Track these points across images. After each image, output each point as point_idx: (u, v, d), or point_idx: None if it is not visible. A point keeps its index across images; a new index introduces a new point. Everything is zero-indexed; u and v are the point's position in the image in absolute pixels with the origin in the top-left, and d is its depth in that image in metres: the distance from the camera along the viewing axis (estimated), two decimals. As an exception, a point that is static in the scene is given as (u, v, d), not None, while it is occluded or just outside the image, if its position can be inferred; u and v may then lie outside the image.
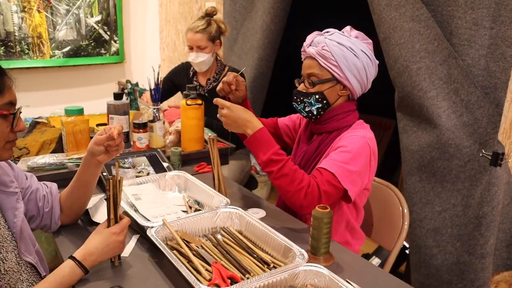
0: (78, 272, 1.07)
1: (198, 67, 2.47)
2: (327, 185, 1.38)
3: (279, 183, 1.37)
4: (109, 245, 1.12)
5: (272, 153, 1.37)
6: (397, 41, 1.82)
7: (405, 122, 1.95)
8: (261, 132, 1.40)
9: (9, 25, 3.39)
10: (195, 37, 2.39)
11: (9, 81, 1.02)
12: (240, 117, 1.41)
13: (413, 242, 2.00)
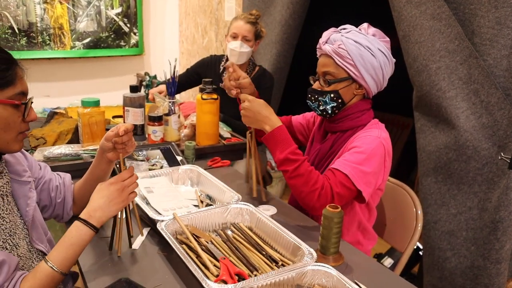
0: (86, 231, 1.07)
1: (237, 58, 2.41)
2: (340, 187, 1.36)
3: (293, 182, 1.37)
4: (109, 196, 1.10)
5: (289, 152, 1.37)
6: (416, 39, 1.78)
7: (422, 122, 1.91)
8: (279, 130, 1.40)
9: (32, 16, 3.44)
10: (244, 26, 2.37)
11: (21, 71, 1.03)
12: (260, 112, 1.42)
13: (427, 244, 1.97)
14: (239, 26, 2.39)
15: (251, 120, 1.44)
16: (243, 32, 2.37)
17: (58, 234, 2.08)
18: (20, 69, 1.03)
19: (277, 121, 1.42)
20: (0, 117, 0.98)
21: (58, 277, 1.02)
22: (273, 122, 1.41)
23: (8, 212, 1.07)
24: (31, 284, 0.99)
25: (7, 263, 0.96)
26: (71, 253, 1.05)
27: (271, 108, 1.45)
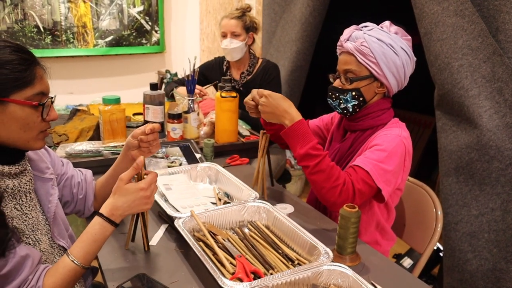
0: (108, 227, 1.09)
1: (231, 55, 2.46)
2: (361, 184, 1.35)
3: (314, 178, 1.35)
4: (135, 200, 1.11)
5: (310, 147, 1.34)
6: (438, 37, 1.75)
7: (444, 121, 1.88)
8: (300, 124, 1.37)
9: (56, 15, 3.51)
10: (230, 22, 2.41)
11: (41, 71, 1.04)
12: (279, 106, 1.39)
13: (447, 245, 1.94)
14: (225, 24, 2.42)
15: (270, 115, 1.42)
16: (230, 29, 2.40)
17: (79, 229, 2.12)
18: (40, 69, 1.03)
19: (297, 115, 1.38)
20: (19, 117, 1.00)
21: (80, 270, 1.05)
22: (292, 116, 1.38)
23: (31, 208, 1.10)
24: (54, 277, 1.02)
25: (31, 257, 0.99)
26: (93, 248, 1.07)
27: (290, 101, 1.41)
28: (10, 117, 0.99)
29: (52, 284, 1.01)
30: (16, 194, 1.05)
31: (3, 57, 0.97)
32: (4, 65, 0.96)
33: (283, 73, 2.91)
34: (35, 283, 0.98)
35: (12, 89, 0.98)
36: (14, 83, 0.97)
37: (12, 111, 0.99)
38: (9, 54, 0.98)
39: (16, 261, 0.95)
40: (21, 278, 0.96)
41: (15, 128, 1.00)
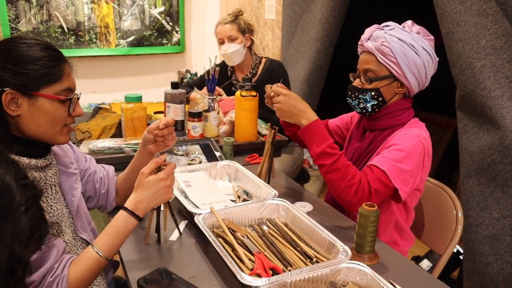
0: (132, 221, 1.12)
1: (231, 60, 2.47)
2: (377, 183, 1.35)
3: (330, 177, 1.36)
4: (157, 191, 1.14)
5: (326, 146, 1.35)
6: (461, 37, 1.73)
7: (465, 121, 1.85)
8: (316, 124, 1.39)
9: (80, 16, 3.59)
10: (224, 27, 2.42)
11: (69, 68, 1.08)
12: (296, 106, 1.40)
13: (468, 248, 1.91)
14: (220, 30, 2.44)
15: (287, 114, 1.43)
16: (226, 33, 2.42)
17: (100, 224, 2.16)
18: (68, 66, 1.08)
19: (313, 115, 1.40)
20: (48, 111, 1.04)
21: (104, 262, 1.08)
22: (309, 116, 1.40)
23: (55, 201, 1.13)
24: (78, 267, 1.05)
25: (56, 246, 1.03)
26: (117, 240, 1.10)
27: (306, 103, 1.43)
28: (39, 110, 1.03)
29: (77, 274, 1.04)
30: (42, 186, 1.09)
31: (35, 54, 1.01)
32: (35, 61, 1.01)
33: (303, 73, 2.91)
34: (60, 272, 1.01)
35: (42, 84, 1.02)
36: (44, 78, 1.02)
37: (41, 104, 1.03)
38: (40, 51, 1.03)
39: (43, 250, 0.98)
40: (47, 266, 0.99)
41: (43, 121, 1.05)
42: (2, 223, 0.53)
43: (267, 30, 3.40)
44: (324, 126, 1.40)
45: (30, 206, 0.57)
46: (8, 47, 1.03)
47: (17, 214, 0.55)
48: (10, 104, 1.01)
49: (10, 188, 0.55)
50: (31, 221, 0.56)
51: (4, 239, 0.52)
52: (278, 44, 3.24)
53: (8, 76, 0.99)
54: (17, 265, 0.54)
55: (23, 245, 0.54)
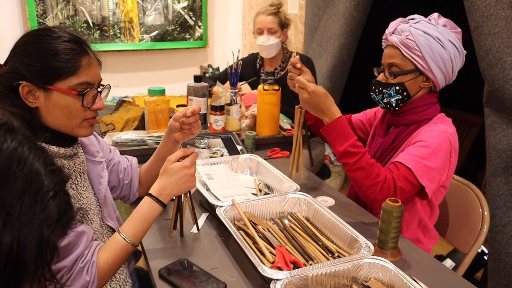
0: (156, 207, 1.13)
1: (267, 52, 2.44)
2: (403, 181, 1.33)
3: (354, 175, 1.34)
4: (181, 178, 1.15)
5: (349, 145, 1.33)
6: (490, 31, 1.68)
7: (493, 118, 1.81)
8: (339, 122, 1.36)
9: (105, 11, 3.63)
10: (267, 19, 2.39)
11: (88, 60, 1.05)
12: (321, 103, 1.38)
13: (493, 248, 1.87)
14: (262, 20, 2.39)
15: (310, 109, 1.42)
16: (267, 25, 2.37)
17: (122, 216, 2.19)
18: (87, 59, 1.05)
19: (337, 112, 1.38)
20: (62, 105, 1.03)
21: (130, 248, 1.10)
22: (332, 114, 1.37)
23: (84, 188, 1.15)
24: (106, 253, 1.07)
25: (86, 233, 1.05)
26: (142, 226, 1.11)
27: (332, 99, 1.39)
28: (54, 104, 1.03)
29: (105, 259, 1.06)
30: (71, 174, 1.11)
31: (50, 47, 1.01)
32: (50, 55, 1.01)
33: (325, 68, 2.88)
34: (90, 258, 1.04)
35: (56, 77, 1.02)
36: (57, 72, 1.01)
37: (55, 98, 1.03)
38: (58, 43, 1.02)
39: (73, 236, 1.01)
40: (77, 252, 1.01)
41: (59, 115, 1.05)
42: (32, 208, 0.53)
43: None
44: (347, 123, 1.38)
45: (58, 192, 0.57)
46: (28, 40, 1.03)
47: (46, 199, 0.55)
48: (28, 96, 1.02)
49: (39, 174, 0.56)
50: (59, 206, 0.57)
51: (33, 223, 0.53)
52: (301, 39, 3.22)
53: (24, 69, 1.00)
54: (45, 249, 0.55)
55: (52, 229, 0.55)
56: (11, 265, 0.51)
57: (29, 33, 1.06)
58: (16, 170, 0.53)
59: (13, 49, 1.04)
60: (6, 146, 0.54)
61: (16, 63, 1.01)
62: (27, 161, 0.55)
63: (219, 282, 1.06)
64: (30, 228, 0.53)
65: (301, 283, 1.00)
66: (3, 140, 0.54)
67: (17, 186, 0.53)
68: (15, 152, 0.54)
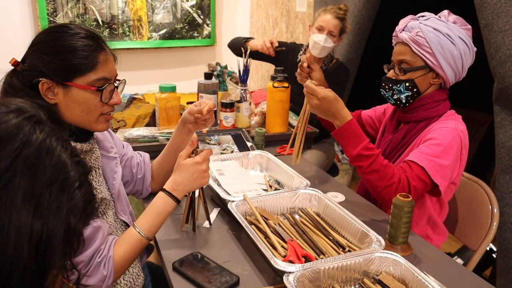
0: (170, 202, 1.15)
1: (318, 51, 2.33)
2: (417, 180, 1.34)
3: (369, 178, 1.34)
4: (193, 174, 1.17)
5: (362, 148, 1.32)
6: (500, 28, 1.69)
7: (503, 116, 1.81)
8: (350, 125, 1.34)
9: (114, 9, 3.66)
10: (332, 21, 2.28)
11: (105, 56, 1.08)
12: (331, 108, 1.36)
13: (502, 245, 1.87)
14: (327, 20, 2.29)
15: (321, 114, 1.41)
16: (330, 27, 2.28)
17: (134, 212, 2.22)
18: (104, 54, 1.08)
19: (347, 115, 1.36)
20: (81, 101, 1.05)
21: (145, 242, 1.12)
22: (343, 118, 1.35)
23: (99, 183, 1.17)
24: (122, 247, 1.09)
25: (102, 228, 1.07)
26: (156, 221, 1.14)
27: (342, 102, 1.37)
28: (73, 100, 1.05)
29: (121, 253, 1.08)
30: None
31: (68, 44, 1.03)
32: (68, 52, 1.02)
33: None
34: (106, 252, 1.06)
35: (75, 74, 1.04)
36: (76, 69, 1.03)
37: (74, 94, 1.05)
38: (76, 40, 1.03)
39: (90, 231, 1.03)
40: (94, 247, 1.03)
41: (78, 111, 1.07)
42: (59, 197, 0.55)
43: (297, 23, 3.39)
44: (358, 125, 1.36)
45: (83, 182, 0.59)
46: (45, 37, 1.05)
47: (72, 189, 0.57)
48: (47, 93, 1.04)
49: (65, 165, 0.57)
50: (84, 196, 0.59)
51: (61, 212, 0.55)
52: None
53: (43, 66, 1.02)
54: (72, 237, 0.57)
55: (78, 218, 0.57)
56: (41, 252, 0.53)
57: (46, 30, 1.08)
58: (45, 161, 0.55)
59: (31, 47, 1.06)
60: (36, 137, 0.56)
61: (35, 61, 1.03)
62: (55, 152, 0.57)
63: (232, 275, 1.08)
64: (58, 216, 0.55)
65: (313, 276, 1.02)
66: (32, 132, 0.56)
67: (46, 176, 0.55)
68: (43, 143, 0.56)
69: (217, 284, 1.05)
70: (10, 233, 0.51)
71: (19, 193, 0.52)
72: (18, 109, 0.58)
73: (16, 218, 0.52)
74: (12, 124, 0.56)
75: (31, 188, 0.53)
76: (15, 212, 0.52)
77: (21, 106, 0.59)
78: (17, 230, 0.51)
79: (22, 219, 0.52)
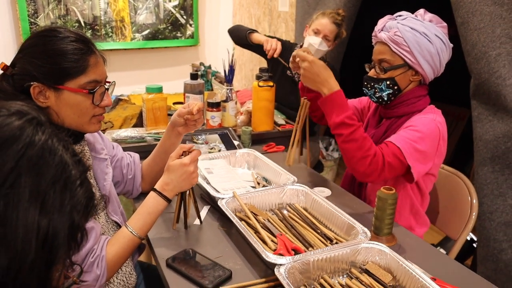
0: (161, 201, 1.18)
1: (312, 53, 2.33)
2: (392, 157, 1.38)
3: (347, 147, 1.38)
4: (181, 175, 1.20)
5: (346, 117, 1.37)
6: (476, 26, 1.75)
7: (480, 110, 1.88)
8: (337, 94, 1.40)
9: (96, 10, 3.65)
10: (329, 26, 2.32)
11: (95, 59, 1.10)
12: (320, 74, 1.41)
13: (482, 235, 1.94)
14: (324, 24, 2.32)
15: (310, 81, 1.45)
16: (326, 31, 2.32)
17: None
18: (94, 57, 1.10)
19: (336, 85, 1.41)
20: (73, 103, 1.08)
21: (137, 241, 1.15)
22: (331, 86, 1.41)
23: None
24: (114, 246, 1.12)
25: (95, 228, 1.09)
26: (148, 220, 1.17)
27: (330, 71, 1.44)
28: (65, 103, 1.07)
29: (114, 252, 1.10)
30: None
31: (59, 48, 1.05)
32: (59, 55, 1.04)
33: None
34: (99, 252, 1.08)
35: (66, 77, 1.06)
36: (67, 72, 1.05)
37: (66, 97, 1.07)
38: (66, 44, 1.05)
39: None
40: (87, 248, 1.06)
41: (70, 113, 1.09)
42: (63, 195, 0.58)
43: (280, 22, 3.43)
44: (345, 97, 1.42)
45: (83, 180, 0.62)
46: (36, 41, 1.07)
47: (74, 187, 0.60)
48: (39, 96, 1.05)
49: (67, 164, 0.60)
50: (86, 193, 0.62)
51: (65, 208, 0.58)
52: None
53: (34, 70, 1.03)
54: (76, 232, 0.60)
55: (81, 214, 0.60)
56: (48, 247, 0.56)
57: (36, 35, 1.09)
58: (48, 160, 0.58)
59: (21, 51, 1.08)
60: (38, 138, 0.59)
61: (26, 65, 1.05)
62: (57, 152, 0.60)
63: (224, 269, 1.12)
64: (62, 213, 0.58)
65: (303, 268, 1.06)
66: (35, 133, 0.59)
67: (49, 175, 0.58)
68: (46, 144, 0.59)
69: (211, 278, 1.08)
70: (18, 230, 0.54)
71: (25, 192, 0.55)
72: (20, 112, 0.61)
73: (23, 215, 0.54)
74: (15, 126, 0.59)
75: (36, 187, 0.56)
76: (22, 209, 0.54)
77: (22, 108, 0.62)
78: (25, 226, 0.54)
79: (30, 216, 0.55)
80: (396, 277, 1.06)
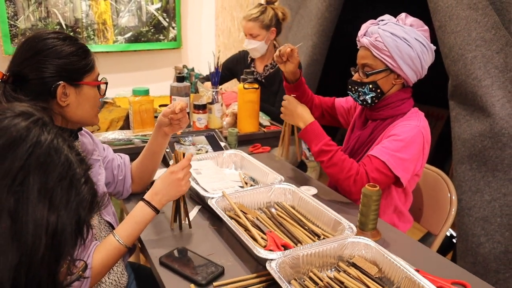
0: (149, 211, 1.19)
1: (252, 53, 2.57)
2: (376, 173, 1.45)
3: (330, 171, 1.51)
4: (170, 184, 1.21)
5: (323, 144, 1.51)
6: (452, 29, 1.83)
7: (457, 110, 1.96)
8: (312, 126, 1.56)
9: (78, 12, 3.63)
10: (247, 25, 2.49)
11: (94, 57, 1.21)
12: (295, 110, 1.61)
13: (461, 230, 2.02)
14: (244, 26, 2.52)
15: (288, 117, 1.64)
16: (247, 31, 2.50)
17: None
18: (93, 55, 1.20)
19: (310, 118, 1.58)
20: (91, 96, 1.18)
21: (123, 250, 1.15)
22: (306, 119, 1.57)
23: None
24: (101, 254, 1.12)
25: None
26: (135, 229, 1.17)
27: (305, 106, 1.63)
28: (85, 97, 1.17)
29: (99, 260, 1.11)
30: None
31: (69, 48, 1.12)
32: (74, 54, 1.12)
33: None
34: (86, 259, 1.09)
35: (84, 73, 1.16)
36: (85, 68, 1.15)
37: (86, 92, 1.17)
38: (73, 44, 1.13)
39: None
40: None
41: (88, 106, 1.18)
42: (69, 192, 0.61)
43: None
44: (320, 126, 1.57)
45: (87, 178, 0.65)
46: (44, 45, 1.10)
47: (79, 184, 0.63)
48: (62, 96, 1.12)
49: (72, 162, 0.63)
50: (90, 190, 0.64)
51: (72, 205, 0.61)
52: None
53: (56, 70, 1.09)
54: (82, 227, 0.63)
55: (87, 210, 0.63)
56: (56, 242, 0.59)
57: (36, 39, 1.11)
58: (55, 159, 0.61)
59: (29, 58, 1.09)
60: (44, 138, 0.61)
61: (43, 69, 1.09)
62: (62, 151, 0.62)
63: (217, 266, 1.15)
64: (69, 209, 0.60)
65: (293, 262, 1.10)
66: (41, 133, 0.61)
67: (56, 173, 0.60)
68: (52, 143, 0.62)
69: (204, 275, 1.11)
70: (29, 226, 0.56)
71: (34, 189, 0.58)
72: (25, 113, 0.63)
73: (33, 211, 0.57)
74: (22, 127, 0.61)
75: (44, 184, 0.59)
76: (32, 206, 0.57)
77: (27, 110, 0.64)
78: (35, 222, 0.57)
79: (39, 212, 0.57)
80: (381, 269, 1.11)
